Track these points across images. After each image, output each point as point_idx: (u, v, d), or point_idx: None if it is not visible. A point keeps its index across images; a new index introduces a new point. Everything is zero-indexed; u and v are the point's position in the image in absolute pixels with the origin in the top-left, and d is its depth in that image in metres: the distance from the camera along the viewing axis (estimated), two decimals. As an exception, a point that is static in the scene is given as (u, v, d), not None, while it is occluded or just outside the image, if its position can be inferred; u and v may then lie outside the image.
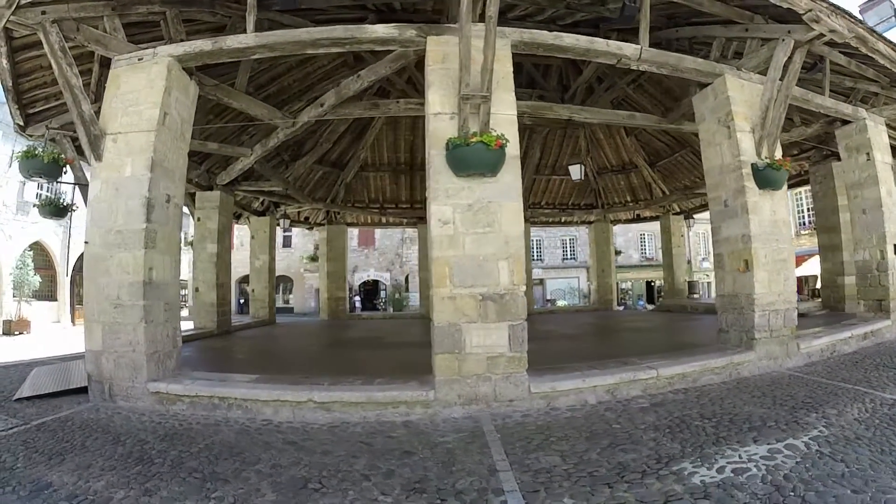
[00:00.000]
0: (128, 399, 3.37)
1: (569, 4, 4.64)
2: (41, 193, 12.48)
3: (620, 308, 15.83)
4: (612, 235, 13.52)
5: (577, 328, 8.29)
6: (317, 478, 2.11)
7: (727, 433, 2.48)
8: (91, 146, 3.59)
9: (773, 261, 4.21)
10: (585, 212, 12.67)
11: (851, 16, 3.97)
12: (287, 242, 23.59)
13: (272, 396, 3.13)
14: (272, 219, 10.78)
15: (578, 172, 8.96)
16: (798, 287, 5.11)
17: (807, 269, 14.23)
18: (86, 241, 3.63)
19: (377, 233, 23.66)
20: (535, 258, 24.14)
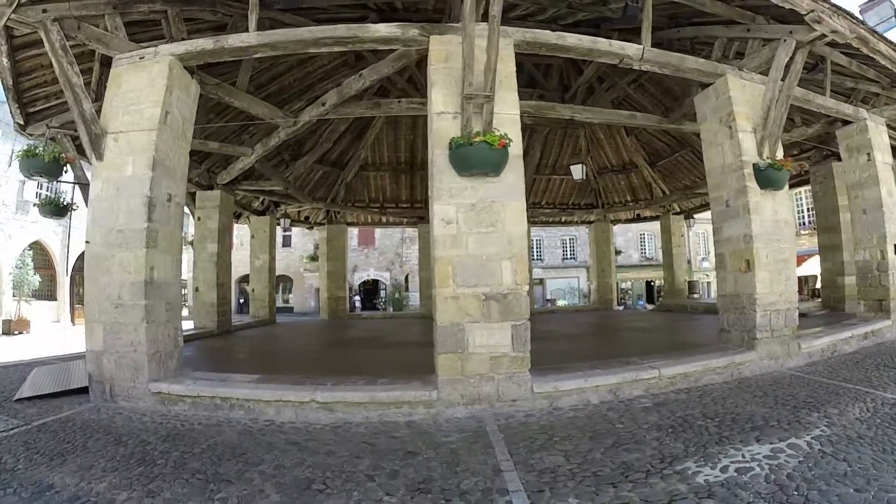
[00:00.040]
0: (129, 399, 3.35)
1: (570, 4, 4.64)
2: (41, 193, 12.45)
3: (620, 308, 15.84)
4: (612, 235, 13.53)
5: (578, 328, 8.29)
6: (321, 478, 2.11)
7: (730, 433, 2.49)
8: (92, 145, 3.58)
9: (775, 261, 4.22)
10: (585, 211, 12.67)
11: (853, 16, 3.97)
12: (287, 242, 23.55)
13: (275, 397, 3.12)
14: (272, 218, 10.77)
15: (580, 172, 8.88)
16: (798, 287, 5.10)
17: (806, 269, 14.26)
18: (87, 241, 3.62)
19: (377, 232, 23.65)
20: (535, 258, 24.13)
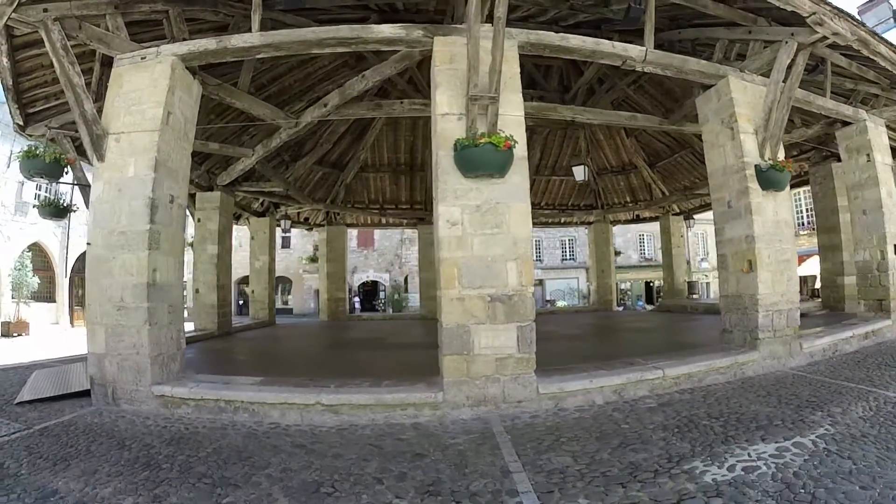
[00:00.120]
0: (131, 402, 3.33)
1: (572, 5, 4.64)
2: (40, 194, 12.39)
3: (620, 308, 15.86)
4: (612, 236, 13.55)
5: (579, 329, 8.29)
6: (329, 482, 2.10)
7: (735, 432, 2.49)
8: (93, 146, 3.55)
9: (777, 261, 4.24)
10: (585, 212, 12.69)
11: (854, 19, 3.99)
12: (286, 243, 23.49)
13: (279, 399, 3.10)
14: (272, 219, 10.74)
15: (582, 174, 8.77)
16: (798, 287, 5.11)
17: (806, 270, 14.33)
18: (88, 243, 3.59)
19: (376, 234, 23.62)
20: (535, 259, 24.08)
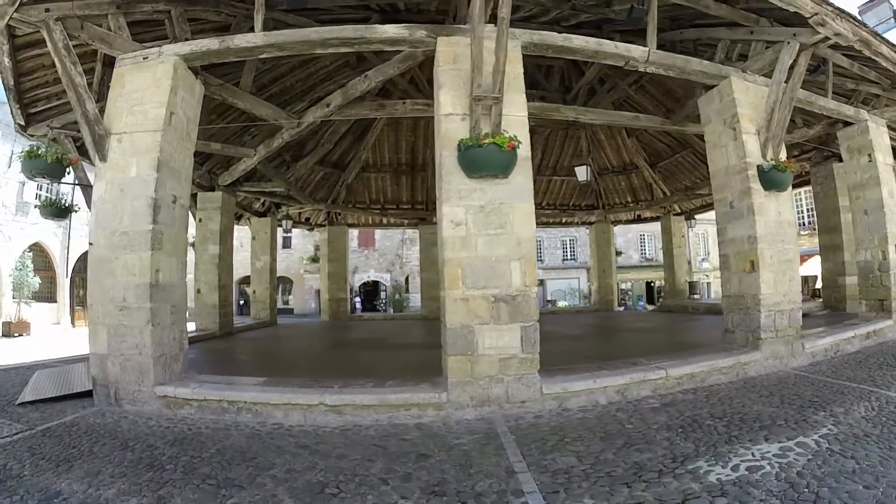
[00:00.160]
0: (134, 403, 3.33)
1: (574, 6, 4.63)
2: (41, 194, 12.38)
3: (621, 309, 15.85)
4: (613, 236, 13.55)
5: (580, 329, 8.29)
6: (334, 482, 2.09)
7: (739, 432, 2.50)
8: (95, 146, 3.55)
9: (779, 261, 4.24)
10: (586, 212, 12.69)
11: (856, 19, 4.00)
12: (287, 243, 23.48)
13: (282, 400, 3.10)
14: (273, 220, 10.74)
15: (585, 174, 8.76)
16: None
17: (807, 270, 14.33)
18: (90, 243, 3.58)
19: (377, 234, 23.62)
20: (536, 259, 24.15)
